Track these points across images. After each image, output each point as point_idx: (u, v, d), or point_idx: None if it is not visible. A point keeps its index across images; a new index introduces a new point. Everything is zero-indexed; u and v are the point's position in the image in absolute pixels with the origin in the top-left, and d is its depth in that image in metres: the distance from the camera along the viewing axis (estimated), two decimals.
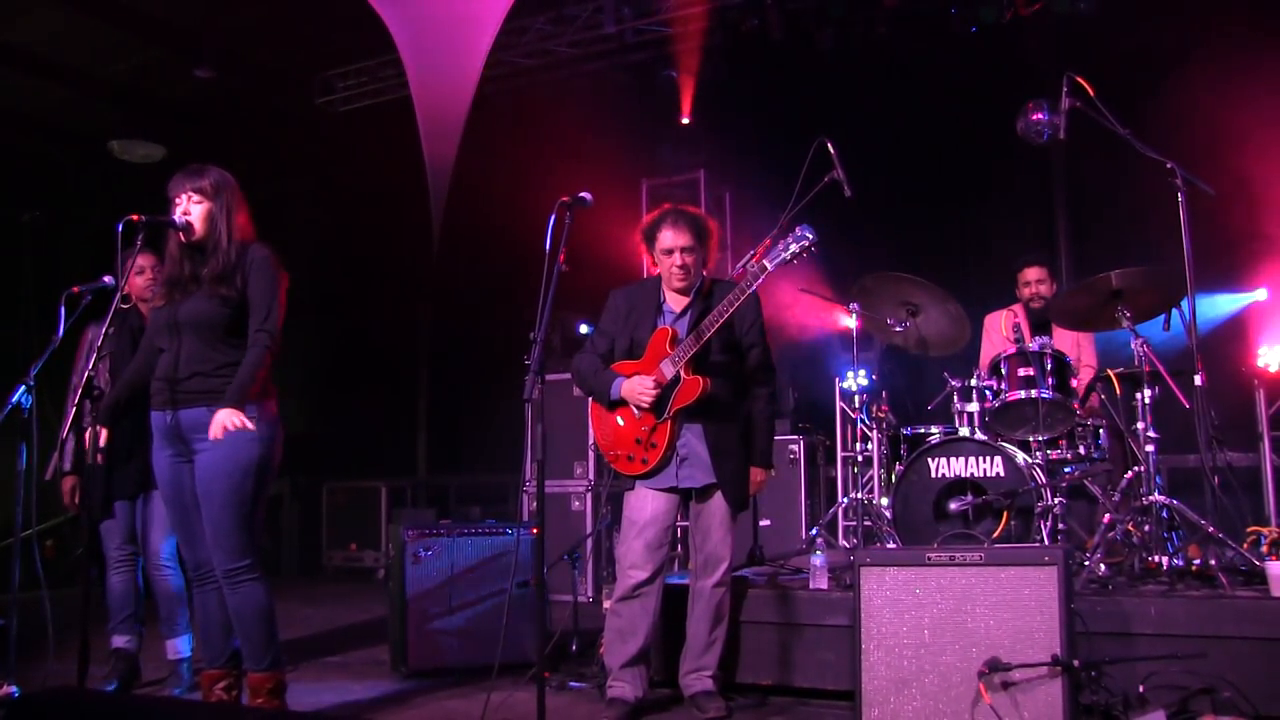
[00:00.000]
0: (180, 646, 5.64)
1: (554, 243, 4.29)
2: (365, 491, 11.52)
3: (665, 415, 4.83)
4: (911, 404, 7.36)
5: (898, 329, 6.58)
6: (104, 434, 4.72)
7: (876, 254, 8.17)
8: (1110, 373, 5.88)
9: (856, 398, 6.92)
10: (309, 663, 6.39)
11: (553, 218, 4.35)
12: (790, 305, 8.37)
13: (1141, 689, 4.32)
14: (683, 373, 4.80)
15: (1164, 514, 5.26)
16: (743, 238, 8.63)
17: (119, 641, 5.64)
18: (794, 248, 4.64)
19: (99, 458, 4.77)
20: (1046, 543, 5.53)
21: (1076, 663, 4.08)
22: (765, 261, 4.65)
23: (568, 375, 8.76)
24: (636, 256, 10.04)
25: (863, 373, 6.95)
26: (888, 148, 8.83)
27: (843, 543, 7.37)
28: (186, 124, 10.82)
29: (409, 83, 10.03)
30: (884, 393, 6.97)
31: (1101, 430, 6.16)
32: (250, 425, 4.32)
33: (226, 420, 4.30)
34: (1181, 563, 5.10)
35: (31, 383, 4.61)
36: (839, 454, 8.57)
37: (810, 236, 4.63)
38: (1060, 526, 5.67)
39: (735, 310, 4.71)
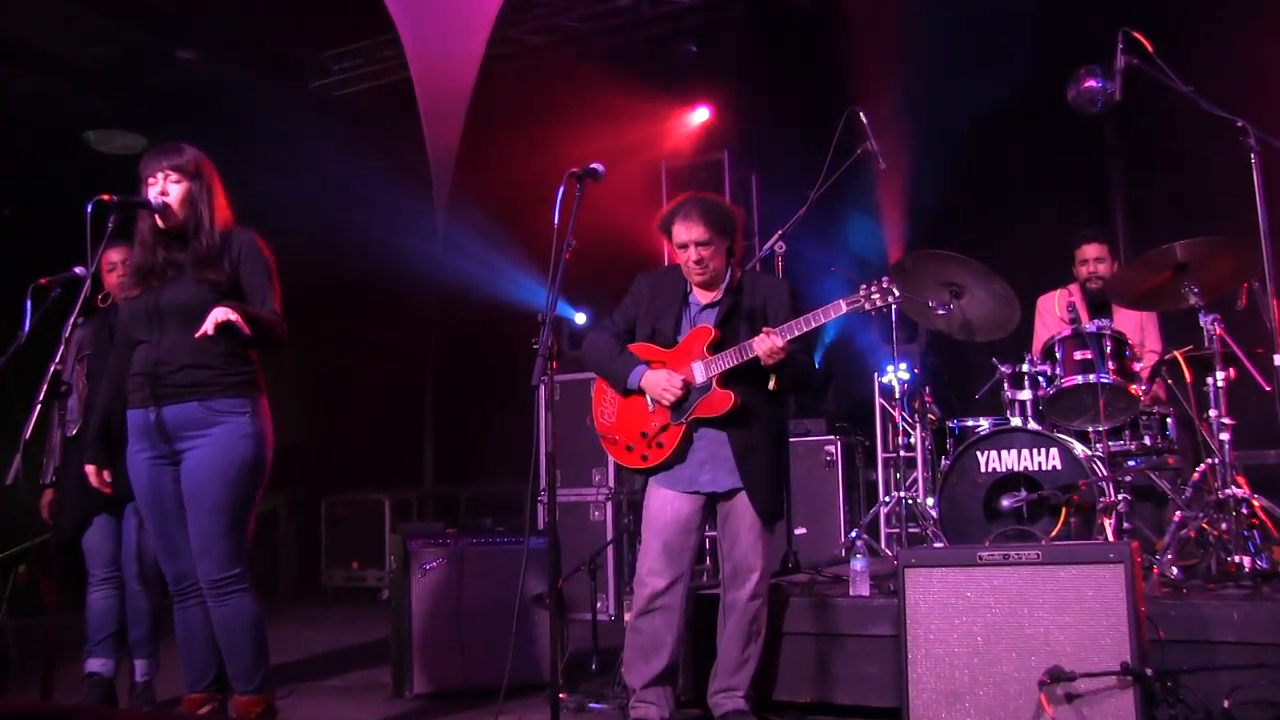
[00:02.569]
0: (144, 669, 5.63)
1: (563, 217, 4.21)
2: (367, 505, 11.41)
3: (682, 419, 4.76)
4: (957, 394, 7.24)
5: (940, 312, 6.47)
6: (106, 474, 4.68)
7: (914, 231, 8.06)
8: (1178, 354, 5.74)
9: (897, 390, 6.80)
10: (304, 686, 6.30)
11: (561, 190, 4.27)
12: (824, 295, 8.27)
13: (1227, 704, 4.17)
14: (715, 383, 4.71)
15: (1243, 510, 5.11)
16: (771, 222, 8.53)
17: (94, 665, 5.56)
18: (876, 300, 4.55)
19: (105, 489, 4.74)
20: (1111, 540, 5.39)
21: (1149, 671, 3.95)
22: (842, 303, 4.58)
23: (584, 374, 8.83)
24: (656, 246, 10.08)
25: (903, 366, 6.84)
26: (925, 116, 8.71)
27: (885, 550, 7.26)
28: (169, 112, 10.75)
29: (409, 64, 9.97)
30: (927, 386, 6.86)
31: (1169, 419, 6.03)
32: (236, 319, 4.21)
33: (222, 315, 4.19)
34: (1266, 564, 4.97)
35: None
36: (879, 455, 8.45)
37: (896, 294, 4.55)
38: (1125, 525, 5.55)
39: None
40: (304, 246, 11.71)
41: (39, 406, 4.35)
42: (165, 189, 4.46)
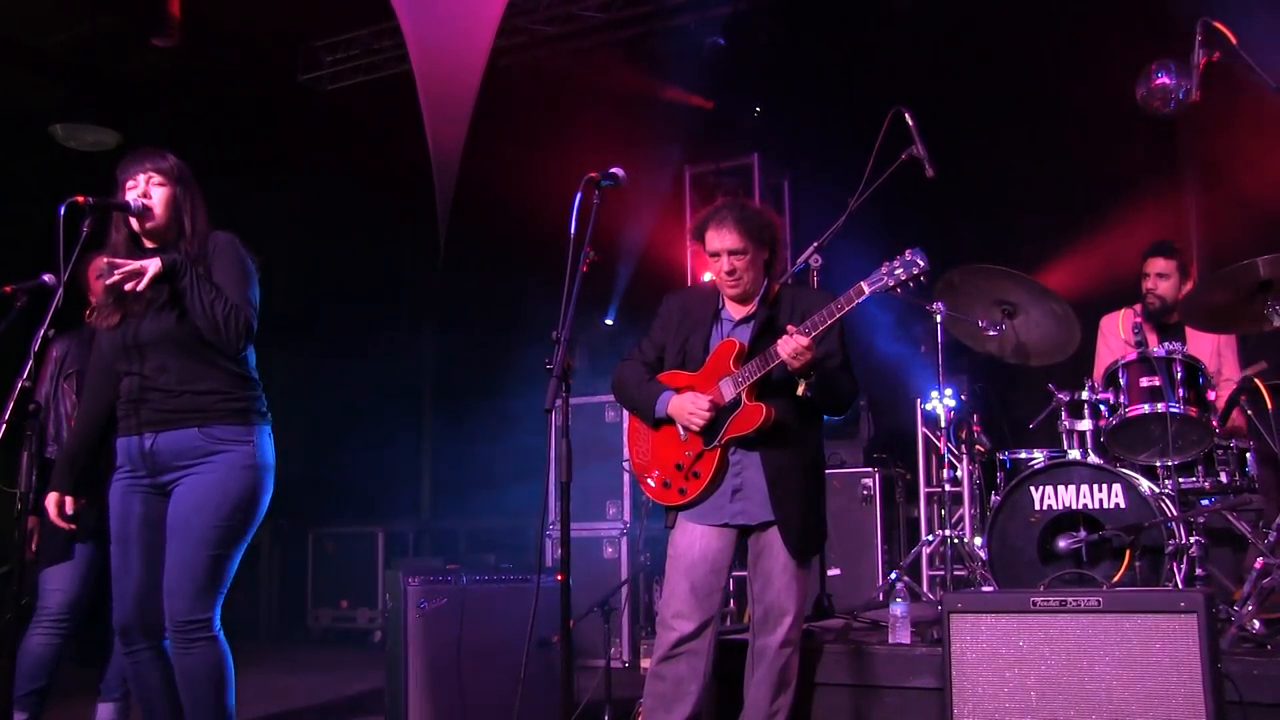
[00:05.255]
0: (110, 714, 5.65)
1: (580, 226, 4.21)
2: (359, 538, 11.43)
3: (715, 443, 4.75)
4: (1008, 424, 7.21)
5: (991, 333, 6.47)
6: (69, 502, 4.62)
7: (964, 244, 8.05)
8: (1259, 382, 5.70)
9: (942, 419, 6.79)
10: None
11: (579, 197, 4.28)
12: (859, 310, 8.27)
13: None
14: (744, 397, 4.71)
15: None
16: (804, 232, 8.55)
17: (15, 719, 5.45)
18: (900, 274, 4.53)
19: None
20: (1181, 587, 5.36)
21: None
22: (864, 285, 4.57)
23: (597, 398, 8.84)
24: (678, 257, 10.11)
25: (949, 392, 6.82)
26: (976, 118, 8.70)
27: (928, 594, 7.24)
28: (143, 104, 10.78)
29: (409, 55, 9.99)
30: (975, 414, 6.83)
31: (1249, 454, 5.99)
32: (143, 273, 4.21)
33: (146, 263, 4.21)
34: None
35: None
36: (922, 490, 8.45)
37: (922, 264, 4.52)
38: (1198, 571, 5.51)
39: (812, 322, 4.61)
40: (292, 255, 11.81)
41: (4, 426, 4.35)
42: (147, 191, 4.46)
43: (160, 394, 4.40)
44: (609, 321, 10.05)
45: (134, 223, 4.47)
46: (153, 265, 4.22)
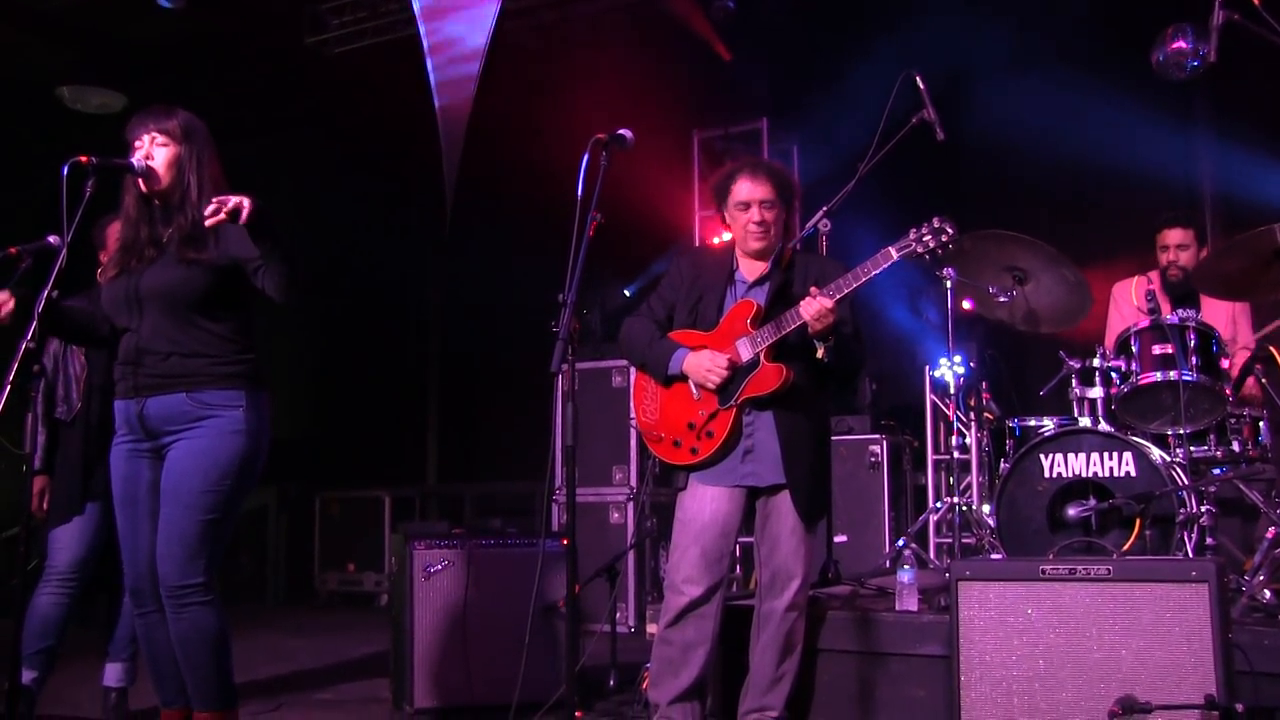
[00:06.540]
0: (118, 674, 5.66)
1: (587, 188, 4.20)
2: (365, 502, 11.43)
3: (731, 402, 4.73)
4: (1018, 391, 7.17)
5: (1002, 300, 6.42)
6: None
7: (975, 209, 7.98)
8: (1273, 349, 5.66)
9: (951, 386, 6.76)
10: (294, 699, 6.31)
11: (585, 158, 4.25)
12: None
13: None
14: (763, 358, 4.69)
15: None
16: (813, 197, 8.49)
17: (24, 677, 5.37)
18: (929, 240, 4.52)
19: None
20: (1192, 557, 5.32)
21: (1240, 707, 3.86)
22: (892, 250, 4.56)
23: (604, 363, 8.81)
24: (686, 221, 10.06)
25: (959, 359, 6.79)
26: (988, 81, 8.62)
27: (935, 561, 7.22)
28: (149, 67, 10.72)
29: (416, 17, 9.93)
30: (985, 381, 6.80)
31: (1262, 423, 5.94)
32: (243, 205, 4.09)
33: (237, 201, 4.06)
34: None
35: None
36: (929, 457, 8.42)
37: (951, 231, 4.51)
38: (1209, 541, 5.48)
39: (837, 285, 4.58)
40: (297, 217, 11.78)
41: (9, 387, 4.31)
42: (151, 153, 4.43)
43: (153, 357, 4.36)
44: (627, 293, 10.01)
45: (139, 183, 4.44)
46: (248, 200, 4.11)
